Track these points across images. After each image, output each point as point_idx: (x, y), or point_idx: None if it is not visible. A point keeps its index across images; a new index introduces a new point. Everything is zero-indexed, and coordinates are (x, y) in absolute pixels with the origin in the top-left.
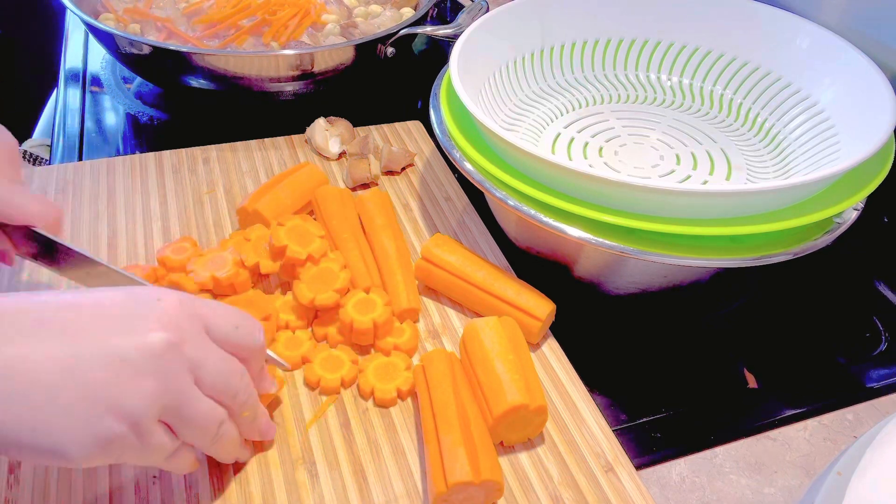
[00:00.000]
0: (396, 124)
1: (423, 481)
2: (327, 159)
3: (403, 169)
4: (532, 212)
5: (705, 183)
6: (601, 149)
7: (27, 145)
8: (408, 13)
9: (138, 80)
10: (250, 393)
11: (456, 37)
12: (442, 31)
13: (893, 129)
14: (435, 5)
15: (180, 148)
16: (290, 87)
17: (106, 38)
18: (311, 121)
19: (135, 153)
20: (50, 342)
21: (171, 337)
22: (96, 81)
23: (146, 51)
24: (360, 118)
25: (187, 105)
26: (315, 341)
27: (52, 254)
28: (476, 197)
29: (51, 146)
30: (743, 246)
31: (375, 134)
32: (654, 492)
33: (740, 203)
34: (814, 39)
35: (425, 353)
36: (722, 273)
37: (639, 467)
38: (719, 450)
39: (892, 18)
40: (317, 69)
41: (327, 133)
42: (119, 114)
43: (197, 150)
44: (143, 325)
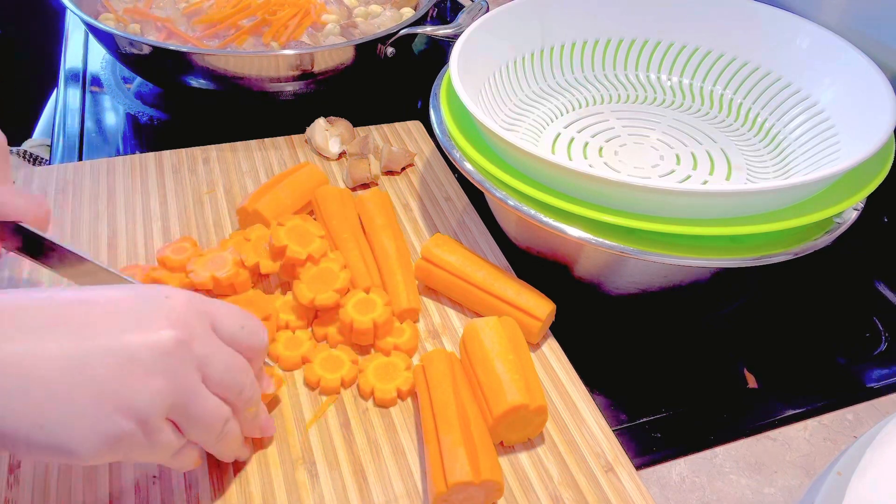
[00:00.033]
0: (396, 124)
1: (423, 481)
2: (327, 159)
3: (403, 169)
4: (532, 212)
5: (705, 183)
6: (601, 149)
7: (27, 145)
8: (408, 13)
9: (138, 80)
10: (255, 390)
11: (456, 37)
12: (442, 31)
13: (893, 129)
14: (435, 5)
15: (180, 148)
16: (290, 87)
17: (106, 38)
18: (311, 121)
19: (135, 153)
20: (57, 339)
21: (180, 335)
22: (96, 81)
23: (146, 51)
24: (360, 118)
25: (187, 105)
26: (315, 341)
27: (39, 249)
28: (476, 197)
29: (51, 146)
30: (743, 246)
31: (375, 134)
32: (654, 492)
33: (740, 203)
34: (814, 39)
35: (425, 353)
36: (722, 273)
37: (639, 467)
38: (719, 450)
39: (892, 18)
40: (317, 69)
41: (327, 133)
42: (119, 114)
43: (197, 150)
44: (152, 323)
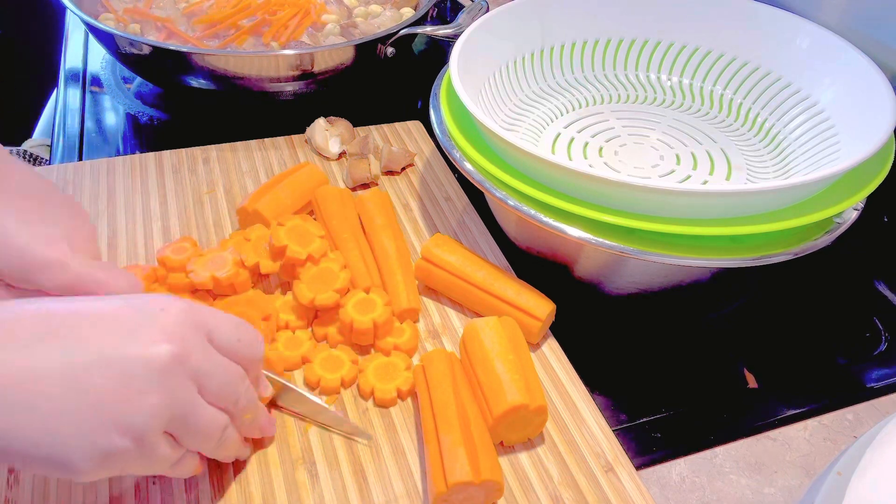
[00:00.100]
0: (396, 124)
1: (423, 481)
2: (327, 159)
3: (403, 169)
4: (532, 212)
5: (705, 183)
6: (601, 149)
7: (27, 145)
8: (408, 13)
9: (138, 80)
10: (251, 396)
11: (456, 37)
12: (442, 31)
13: (893, 129)
14: (435, 5)
15: (180, 148)
16: (290, 87)
17: (106, 38)
18: (311, 121)
19: (135, 153)
20: (52, 354)
21: (175, 349)
22: (96, 81)
23: (146, 51)
24: (360, 118)
25: (187, 105)
26: (315, 341)
27: None
28: (476, 197)
29: (51, 146)
30: (743, 246)
31: (375, 134)
32: (654, 492)
33: (740, 203)
34: (814, 39)
35: (425, 353)
36: (722, 273)
37: (639, 467)
38: (719, 450)
39: (892, 18)
40: (317, 69)
41: (327, 133)
42: (119, 114)
43: (197, 150)
44: (147, 337)
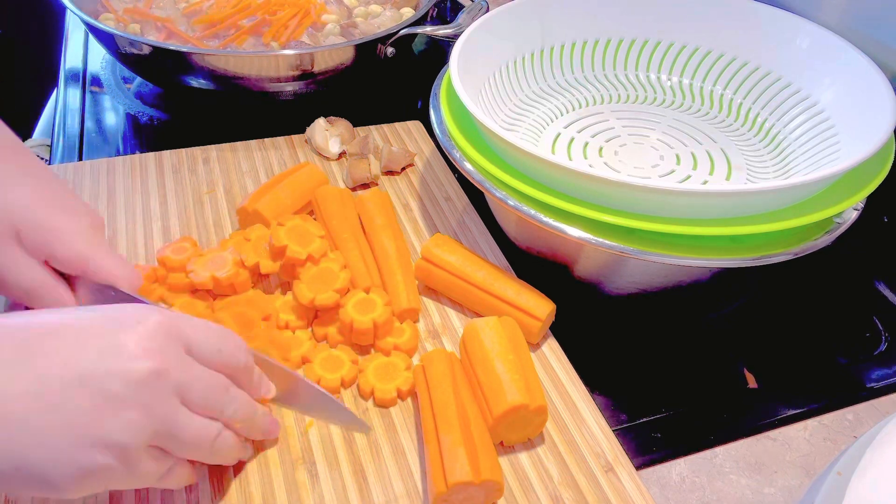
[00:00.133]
0: (396, 124)
1: (423, 481)
2: (327, 159)
3: (403, 169)
4: (532, 212)
5: (705, 183)
6: (601, 149)
7: (27, 145)
8: (408, 13)
9: (138, 80)
10: (239, 405)
11: (456, 37)
12: (442, 31)
13: (893, 130)
14: (435, 5)
15: (180, 148)
16: (290, 87)
17: (106, 38)
18: (311, 121)
19: (135, 153)
20: (29, 373)
21: (154, 365)
22: (96, 81)
23: (146, 51)
24: (360, 118)
25: (187, 105)
26: (315, 341)
27: None
28: (476, 197)
29: (51, 146)
30: (743, 246)
31: (375, 134)
32: (654, 492)
33: (740, 203)
34: (814, 39)
35: (425, 353)
36: (722, 273)
37: (639, 467)
38: (719, 450)
39: (892, 18)
40: (317, 69)
41: (327, 133)
42: (119, 114)
43: (197, 150)
44: (124, 352)
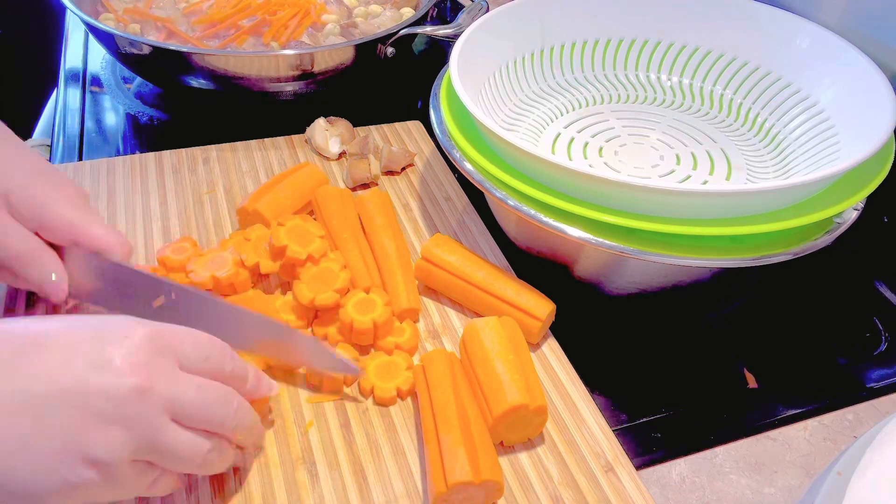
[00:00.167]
0: (396, 124)
1: (423, 481)
2: (327, 159)
3: (403, 169)
4: (532, 212)
5: (705, 183)
6: (601, 149)
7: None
8: (408, 13)
9: (138, 80)
10: (239, 417)
11: (456, 37)
12: (442, 31)
13: (893, 129)
14: (435, 5)
15: (180, 148)
16: (290, 87)
17: (106, 38)
18: (311, 121)
19: (135, 153)
20: (13, 386)
21: (139, 381)
22: (96, 81)
23: (146, 51)
24: (360, 118)
25: (187, 105)
26: None
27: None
28: (476, 197)
29: (51, 146)
30: (743, 246)
31: (375, 134)
32: (654, 492)
33: (740, 203)
34: (814, 39)
35: (425, 353)
36: (722, 273)
37: (639, 467)
38: (719, 450)
39: (892, 18)
40: (317, 69)
41: (327, 133)
42: (119, 114)
43: (197, 150)
44: (110, 368)
